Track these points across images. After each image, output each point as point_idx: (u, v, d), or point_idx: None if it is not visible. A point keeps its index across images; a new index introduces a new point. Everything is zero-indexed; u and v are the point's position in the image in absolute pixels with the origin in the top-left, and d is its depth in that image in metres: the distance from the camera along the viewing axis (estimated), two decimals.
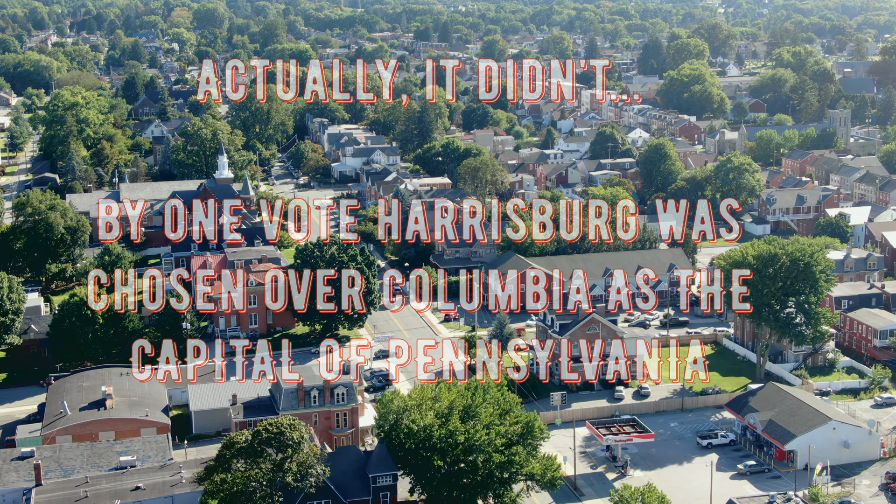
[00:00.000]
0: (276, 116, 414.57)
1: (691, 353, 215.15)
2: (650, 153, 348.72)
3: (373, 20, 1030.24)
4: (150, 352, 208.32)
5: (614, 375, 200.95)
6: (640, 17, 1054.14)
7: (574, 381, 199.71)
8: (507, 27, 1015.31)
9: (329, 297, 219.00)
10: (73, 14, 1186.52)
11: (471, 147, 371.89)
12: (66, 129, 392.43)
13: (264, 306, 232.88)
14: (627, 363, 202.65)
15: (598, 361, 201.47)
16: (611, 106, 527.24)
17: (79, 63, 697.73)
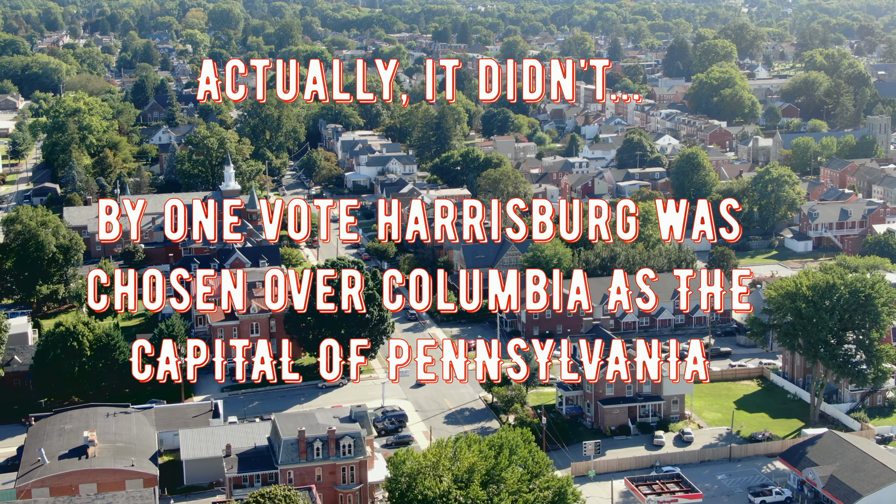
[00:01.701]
0: (287, 123, 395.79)
1: (691, 351, 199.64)
2: (682, 163, 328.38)
3: (390, 21, 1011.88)
4: (150, 352, 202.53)
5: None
6: (663, 16, 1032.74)
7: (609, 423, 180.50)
8: (528, 27, 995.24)
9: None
10: (87, 14, 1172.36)
11: (491, 156, 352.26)
12: (68, 136, 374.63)
13: (269, 334, 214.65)
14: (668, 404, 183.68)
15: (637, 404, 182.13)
16: (637, 110, 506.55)
17: (89, 65, 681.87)
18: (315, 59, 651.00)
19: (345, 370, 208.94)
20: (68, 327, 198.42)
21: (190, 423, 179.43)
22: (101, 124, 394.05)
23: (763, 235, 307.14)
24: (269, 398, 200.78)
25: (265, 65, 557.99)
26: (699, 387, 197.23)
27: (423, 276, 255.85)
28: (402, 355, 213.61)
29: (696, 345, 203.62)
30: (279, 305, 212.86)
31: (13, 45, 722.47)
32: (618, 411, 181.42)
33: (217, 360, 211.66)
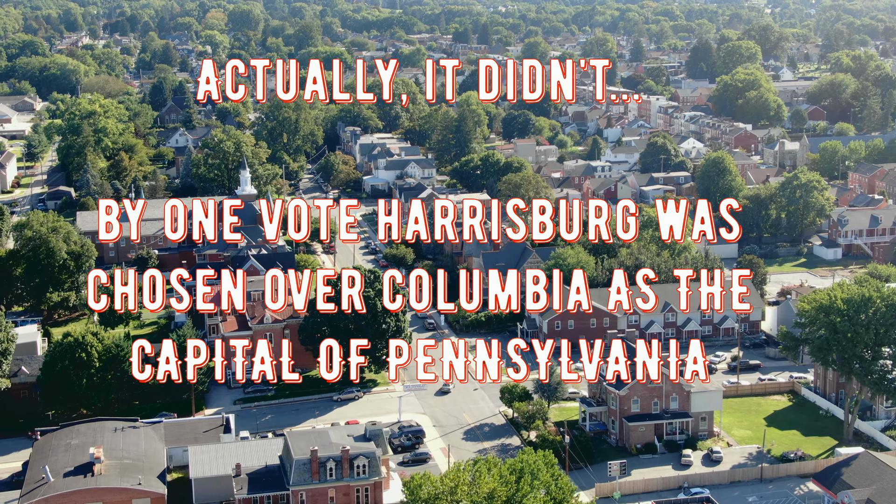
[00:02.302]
0: (304, 126, 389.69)
1: (691, 352, 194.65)
2: (708, 167, 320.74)
3: (410, 21, 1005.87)
4: (150, 352, 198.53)
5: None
6: (686, 17, 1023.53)
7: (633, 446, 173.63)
8: (549, 28, 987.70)
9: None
10: (108, 15, 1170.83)
11: (512, 160, 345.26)
12: (83, 139, 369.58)
13: (281, 340, 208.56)
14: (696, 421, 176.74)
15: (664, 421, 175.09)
16: (660, 112, 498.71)
17: (108, 67, 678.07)
18: (335, 59, 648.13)
19: (358, 383, 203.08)
20: (76, 338, 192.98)
21: (200, 439, 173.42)
22: (117, 127, 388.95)
23: (791, 242, 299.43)
24: (282, 411, 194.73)
25: (265, 65, 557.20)
26: (728, 402, 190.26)
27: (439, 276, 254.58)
28: (403, 355, 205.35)
29: (696, 345, 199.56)
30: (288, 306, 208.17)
31: (32, 45, 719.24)
32: (644, 429, 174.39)
33: (218, 362, 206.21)
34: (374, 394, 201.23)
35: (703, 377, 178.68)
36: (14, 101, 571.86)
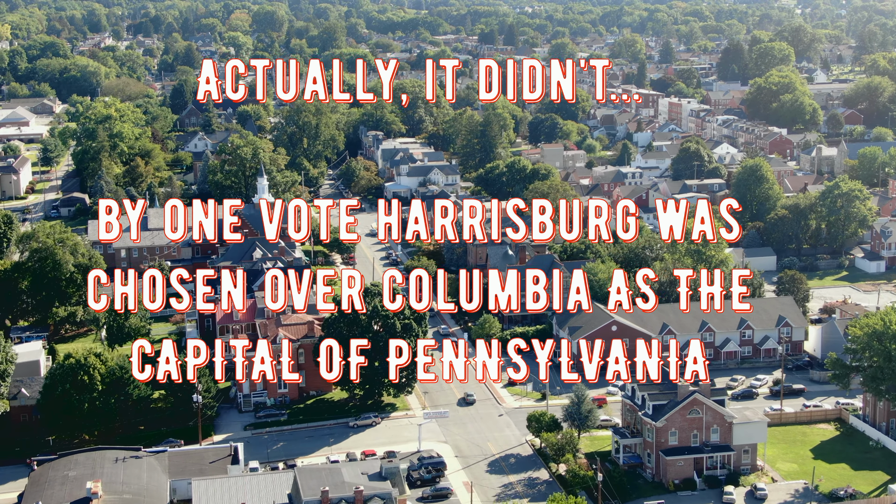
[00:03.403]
0: (325, 131, 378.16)
1: (691, 352, 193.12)
2: (745, 175, 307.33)
3: (436, 23, 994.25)
4: (150, 351, 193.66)
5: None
6: (715, 18, 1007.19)
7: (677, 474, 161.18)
8: (576, 29, 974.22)
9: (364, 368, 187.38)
10: (132, 16, 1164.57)
11: (539, 167, 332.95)
12: (99, 143, 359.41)
13: (296, 359, 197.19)
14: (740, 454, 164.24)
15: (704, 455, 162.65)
16: (692, 116, 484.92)
17: (129, 69, 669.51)
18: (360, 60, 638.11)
19: (375, 408, 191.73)
20: (78, 359, 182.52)
21: (206, 470, 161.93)
22: (133, 131, 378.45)
23: (832, 255, 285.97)
24: (295, 438, 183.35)
25: (265, 65, 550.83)
26: (771, 431, 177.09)
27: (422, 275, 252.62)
28: (403, 355, 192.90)
29: (696, 345, 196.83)
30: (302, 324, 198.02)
31: (53, 47, 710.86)
32: (682, 463, 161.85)
33: (239, 364, 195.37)
34: (392, 419, 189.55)
35: (703, 377, 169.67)
36: (33, 104, 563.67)
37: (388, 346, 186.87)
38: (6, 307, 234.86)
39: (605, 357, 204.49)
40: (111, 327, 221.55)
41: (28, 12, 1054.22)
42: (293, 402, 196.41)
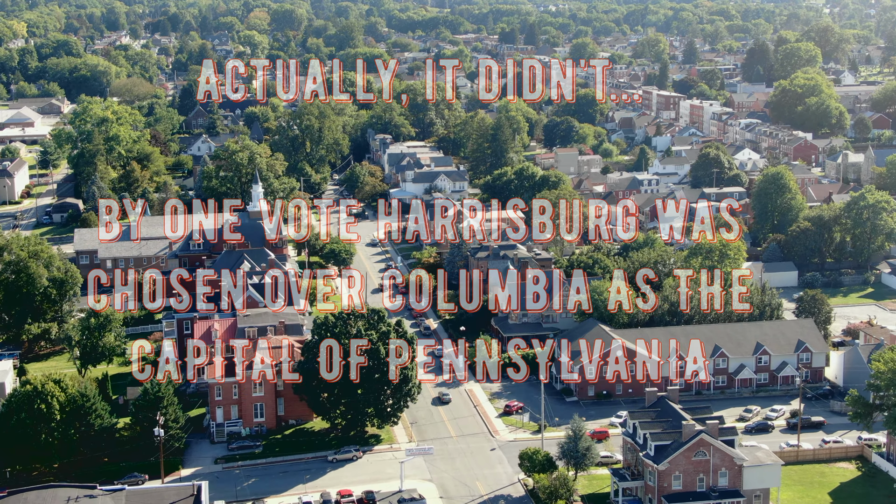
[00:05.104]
0: (328, 134, 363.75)
1: (691, 351, 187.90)
2: (766, 184, 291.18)
3: (457, 21, 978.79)
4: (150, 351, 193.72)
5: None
6: (742, 17, 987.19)
7: None
8: (599, 28, 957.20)
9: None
10: (153, 14, 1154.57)
11: (549, 174, 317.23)
12: (94, 147, 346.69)
13: (273, 392, 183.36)
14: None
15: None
16: (713, 119, 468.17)
17: (141, 68, 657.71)
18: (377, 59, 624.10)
19: (358, 440, 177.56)
20: (36, 386, 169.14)
21: None
22: (131, 134, 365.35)
23: (857, 270, 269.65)
24: (268, 474, 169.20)
25: (265, 65, 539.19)
26: (787, 471, 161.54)
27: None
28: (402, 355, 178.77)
29: (696, 345, 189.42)
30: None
31: (66, 46, 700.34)
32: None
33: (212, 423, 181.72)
34: (374, 453, 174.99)
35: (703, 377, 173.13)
36: (41, 104, 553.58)
37: (372, 372, 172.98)
38: None
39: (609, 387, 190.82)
40: (84, 346, 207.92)
41: (47, 10, 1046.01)
42: (270, 431, 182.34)
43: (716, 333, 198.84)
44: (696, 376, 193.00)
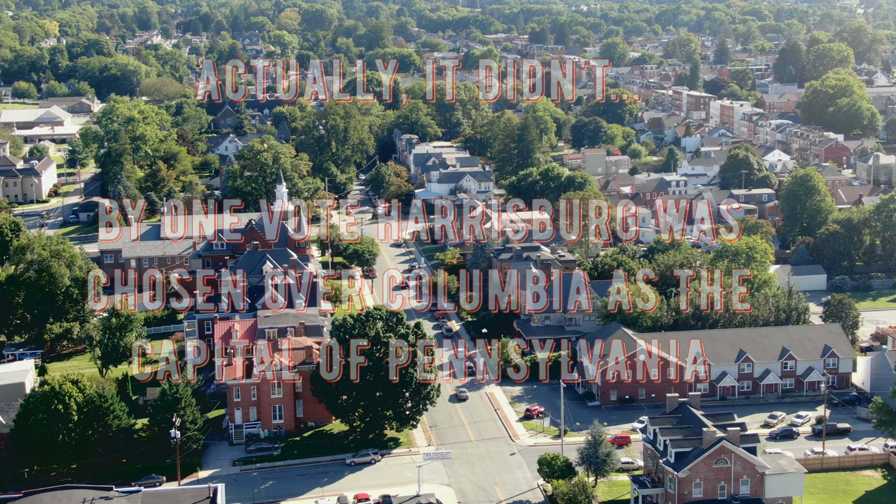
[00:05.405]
0: (354, 134, 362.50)
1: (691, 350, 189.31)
2: (794, 186, 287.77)
3: (487, 21, 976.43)
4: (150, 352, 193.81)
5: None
6: (775, 17, 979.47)
7: None
8: (631, 28, 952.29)
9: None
10: (185, 13, 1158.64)
11: (575, 174, 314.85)
12: (120, 146, 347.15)
13: (293, 394, 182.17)
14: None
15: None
16: (744, 120, 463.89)
17: (171, 67, 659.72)
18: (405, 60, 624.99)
19: (377, 442, 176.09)
20: (53, 386, 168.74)
21: None
22: (158, 134, 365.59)
23: (886, 273, 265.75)
24: (286, 476, 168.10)
25: (265, 65, 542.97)
26: (811, 479, 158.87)
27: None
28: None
29: (696, 344, 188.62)
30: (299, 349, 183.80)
31: (97, 45, 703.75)
32: None
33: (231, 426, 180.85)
34: (393, 456, 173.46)
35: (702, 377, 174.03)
36: (71, 103, 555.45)
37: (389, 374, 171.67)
38: (1, 322, 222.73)
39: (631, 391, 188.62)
40: (105, 346, 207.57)
41: (80, 9, 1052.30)
42: (289, 433, 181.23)
43: (741, 337, 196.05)
44: (696, 376, 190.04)
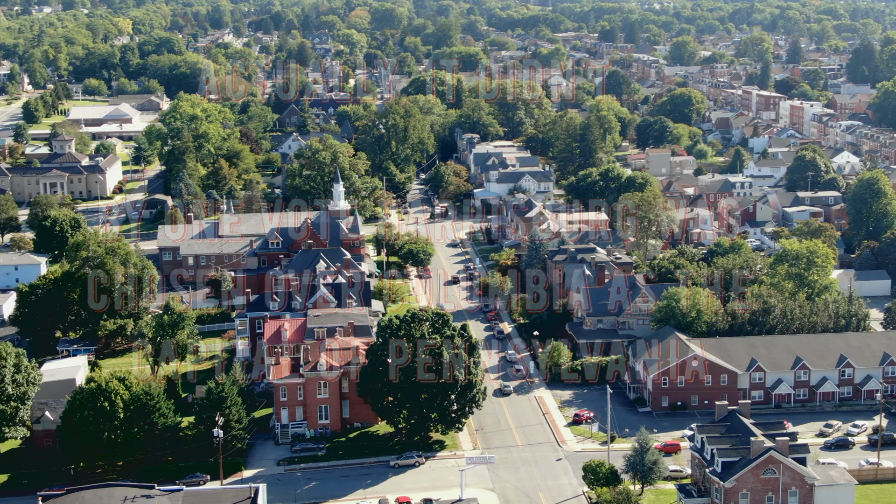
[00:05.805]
0: (413, 133, 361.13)
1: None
2: (860, 189, 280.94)
3: (558, 19, 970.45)
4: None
5: None
6: (850, 16, 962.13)
7: None
8: (703, 26, 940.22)
9: None
10: (258, 12, 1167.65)
11: (636, 175, 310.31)
12: (184, 144, 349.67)
13: (339, 395, 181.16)
14: None
15: None
16: (814, 120, 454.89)
17: (241, 65, 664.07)
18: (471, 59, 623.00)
19: (423, 445, 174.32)
20: (100, 384, 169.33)
21: None
22: (221, 132, 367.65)
23: None
24: (330, 477, 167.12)
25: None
26: (863, 490, 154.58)
27: None
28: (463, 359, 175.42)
29: (696, 344, 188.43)
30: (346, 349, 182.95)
31: (168, 43, 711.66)
32: None
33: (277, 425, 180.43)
34: (437, 459, 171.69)
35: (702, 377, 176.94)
36: (140, 101, 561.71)
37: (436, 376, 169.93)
38: (56, 318, 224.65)
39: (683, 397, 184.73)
40: (158, 343, 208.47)
41: (154, 7, 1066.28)
42: (334, 434, 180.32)
43: (798, 344, 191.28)
44: (779, 384, 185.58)
